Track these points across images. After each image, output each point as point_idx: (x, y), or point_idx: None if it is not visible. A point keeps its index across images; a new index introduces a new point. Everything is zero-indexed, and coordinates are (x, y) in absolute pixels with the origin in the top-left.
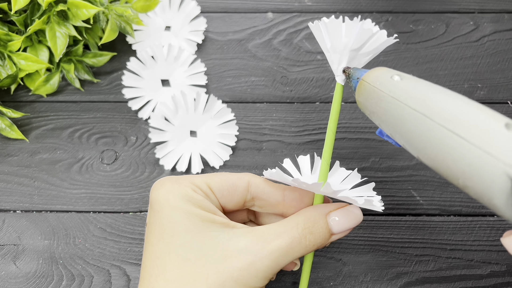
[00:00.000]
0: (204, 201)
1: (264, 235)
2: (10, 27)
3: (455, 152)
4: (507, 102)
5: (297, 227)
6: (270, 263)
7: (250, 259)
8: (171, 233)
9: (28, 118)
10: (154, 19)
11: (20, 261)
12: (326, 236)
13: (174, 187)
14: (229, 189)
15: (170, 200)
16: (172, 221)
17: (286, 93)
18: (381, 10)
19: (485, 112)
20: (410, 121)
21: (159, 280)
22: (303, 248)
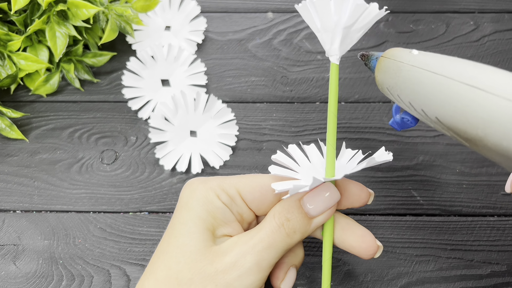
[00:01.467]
0: (221, 210)
1: (248, 234)
2: (10, 27)
3: (474, 103)
4: None
5: (274, 217)
6: (254, 258)
7: (233, 259)
8: (175, 234)
9: (28, 118)
10: (154, 19)
11: (20, 261)
12: (304, 220)
13: (199, 188)
14: (261, 191)
15: (189, 202)
16: (181, 222)
17: (286, 93)
18: None
19: (501, 70)
20: (430, 84)
21: (150, 278)
22: (284, 236)
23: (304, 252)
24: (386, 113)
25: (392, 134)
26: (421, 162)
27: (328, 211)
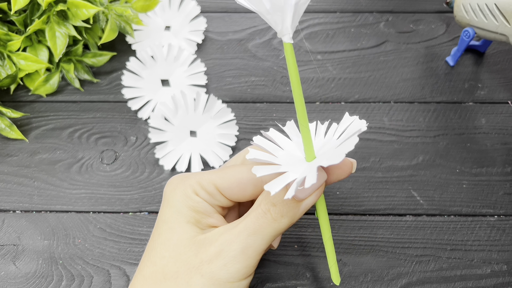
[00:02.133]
0: (201, 204)
1: (233, 223)
2: (9, 27)
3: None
4: (507, 102)
5: (260, 204)
6: (239, 246)
7: (218, 249)
8: (159, 231)
9: (28, 118)
10: (154, 19)
11: (20, 261)
12: (291, 203)
13: (179, 186)
14: (239, 186)
15: (170, 199)
16: (164, 220)
17: (286, 93)
18: (381, 10)
19: None
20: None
21: (138, 276)
22: (270, 222)
23: None
24: (385, 113)
25: (392, 134)
26: (421, 162)
27: (316, 192)
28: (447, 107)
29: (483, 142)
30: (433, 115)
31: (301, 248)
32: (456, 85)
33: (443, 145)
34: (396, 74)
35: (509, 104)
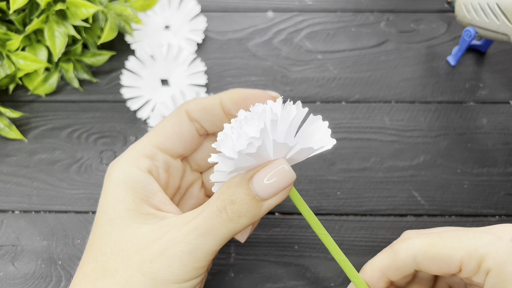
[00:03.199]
0: (143, 180)
1: (183, 219)
2: (8, 26)
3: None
4: (508, 102)
5: (217, 199)
6: (186, 247)
7: (162, 247)
8: (97, 224)
9: (27, 118)
10: (154, 18)
11: (19, 262)
12: (252, 203)
13: (115, 166)
14: (175, 132)
15: (106, 185)
16: (101, 210)
17: (286, 93)
18: (382, 9)
19: None
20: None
21: (78, 273)
22: (225, 222)
23: None
24: (386, 113)
25: (392, 134)
26: (422, 162)
27: (281, 193)
28: (448, 107)
29: (484, 142)
30: (434, 115)
31: (301, 248)
32: (457, 85)
33: (444, 145)
34: (397, 73)
35: (511, 104)
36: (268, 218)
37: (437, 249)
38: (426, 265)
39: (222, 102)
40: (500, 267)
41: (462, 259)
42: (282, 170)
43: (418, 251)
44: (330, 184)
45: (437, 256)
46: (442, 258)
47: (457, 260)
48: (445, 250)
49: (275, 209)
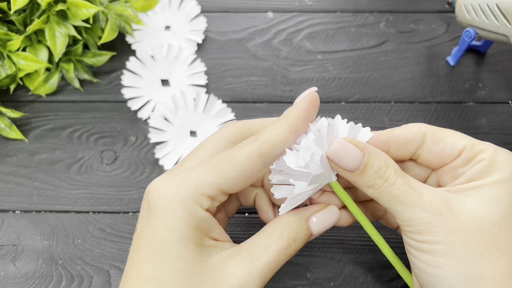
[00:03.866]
0: (205, 218)
1: (251, 253)
2: (9, 26)
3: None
4: (508, 102)
5: (282, 237)
6: (261, 281)
7: (241, 282)
8: (162, 258)
9: (28, 118)
10: (154, 18)
11: (20, 262)
12: (307, 239)
13: (176, 202)
14: (245, 178)
15: (169, 220)
16: (166, 244)
17: (286, 93)
18: (382, 9)
19: None
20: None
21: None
22: (288, 256)
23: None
24: (386, 113)
25: None
26: None
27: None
28: (448, 107)
29: None
30: (434, 115)
31: (302, 248)
32: (456, 85)
33: None
34: (396, 74)
35: (510, 104)
36: None
37: (445, 133)
38: (430, 146)
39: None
40: (493, 159)
41: (465, 146)
42: (334, 213)
43: (428, 130)
44: None
45: (443, 140)
46: (448, 142)
47: (461, 146)
48: (452, 136)
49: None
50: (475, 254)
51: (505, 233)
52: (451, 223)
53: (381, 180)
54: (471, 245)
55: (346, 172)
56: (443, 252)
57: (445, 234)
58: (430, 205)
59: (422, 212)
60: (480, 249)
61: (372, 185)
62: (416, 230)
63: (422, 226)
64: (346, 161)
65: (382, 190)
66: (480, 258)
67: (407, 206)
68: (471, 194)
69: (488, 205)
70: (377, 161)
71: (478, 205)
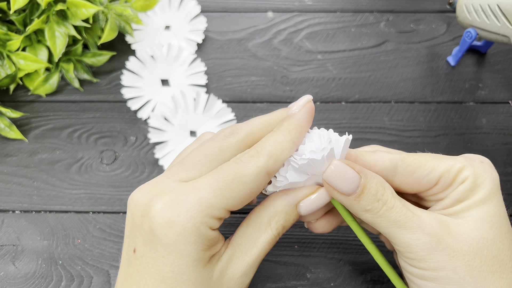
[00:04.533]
0: (214, 237)
1: (243, 248)
2: (9, 26)
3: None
4: (508, 102)
5: (270, 227)
6: (254, 270)
7: (239, 283)
8: (172, 285)
9: (27, 118)
10: (154, 18)
11: (19, 262)
12: (295, 221)
13: (188, 228)
14: (251, 195)
15: (181, 248)
16: (176, 271)
17: (286, 93)
18: (382, 9)
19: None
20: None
21: None
22: (276, 241)
23: None
24: (386, 113)
25: (392, 134)
26: None
27: (315, 213)
28: (448, 107)
29: (483, 142)
30: (434, 115)
31: (301, 248)
32: (456, 85)
33: (444, 145)
34: (396, 74)
35: (510, 104)
36: None
37: (419, 162)
38: (404, 178)
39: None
40: (475, 176)
41: (442, 173)
42: (323, 197)
43: (401, 161)
44: None
45: (418, 170)
46: (424, 172)
47: (438, 174)
48: (427, 164)
49: None
50: (480, 277)
51: (502, 249)
52: (453, 247)
53: (379, 203)
54: (474, 268)
55: (341, 196)
56: (448, 279)
57: (448, 259)
58: (431, 229)
59: (424, 237)
60: (483, 270)
61: (370, 209)
62: (418, 256)
63: (424, 252)
64: (343, 185)
65: (380, 214)
66: (485, 280)
67: (408, 231)
68: (464, 215)
69: (482, 224)
70: (374, 184)
71: (472, 225)
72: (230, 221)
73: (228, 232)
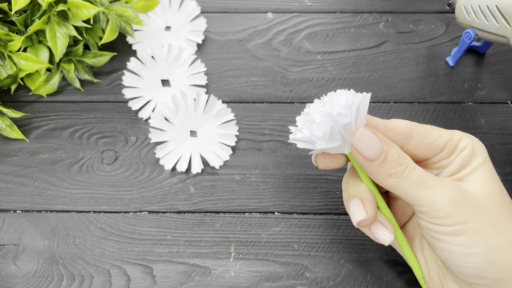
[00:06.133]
0: None
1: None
2: (10, 27)
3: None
4: (507, 102)
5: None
6: None
7: None
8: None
9: (28, 118)
10: (154, 19)
11: (20, 261)
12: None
13: None
14: None
15: None
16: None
17: (286, 93)
18: (381, 10)
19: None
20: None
21: None
22: None
23: None
24: (385, 113)
25: None
26: None
27: None
28: (447, 107)
29: (482, 142)
30: (433, 115)
31: (301, 247)
32: (455, 85)
33: None
34: (395, 74)
35: (509, 104)
36: (267, 217)
37: (428, 129)
38: (418, 141)
39: None
40: (473, 144)
41: (448, 139)
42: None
43: (414, 126)
44: (330, 184)
45: (429, 135)
46: (433, 137)
47: (444, 140)
48: (434, 131)
49: (275, 209)
50: (501, 224)
51: (509, 202)
52: (473, 200)
53: (402, 167)
54: (494, 217)
55: (365, 161)
56: (475, 230)
57: (472, 211)
58: (452, 186)
59: (447, 193)
60: (502, 219)
61: (394, 172)
62: (444, 213)
63: (450, 207)
64: (369, 151)
65: (404, 176)
66: (504, 227)
67: (432, 189)
68: (470, 178)
69: (488, 183)
70: (395, 151)
71: (481, 183)
72: (235, 220)
73: (234, 232)
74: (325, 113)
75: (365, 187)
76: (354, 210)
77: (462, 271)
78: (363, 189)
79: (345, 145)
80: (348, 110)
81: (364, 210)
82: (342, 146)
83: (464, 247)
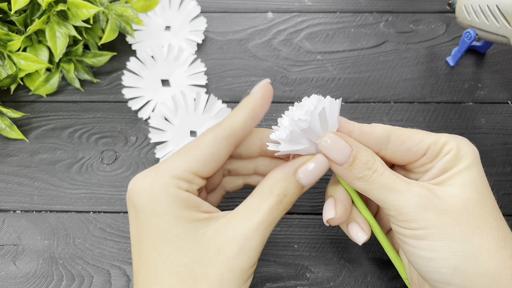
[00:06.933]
0: (189, 197)
1: (245, 215)
2: (10, 27)
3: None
4: (507, 102)
5: (272, 194)
6: (259, 239)
7: (240, 244)
8: (162, 242)
9: (28, 118)
10: (154, 19)
11: (20, 261)
12: (299, 192)
13: (156, 190)
14: (213, 159)
15: (155, 208)
16: (161, 230)
17: (286, 93)
18: (381, 10)
19: None
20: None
21: (161, 287)
22: (281, 211)
23: None
24: (385, 113)
25: None
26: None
27: (317, 180)
28: (447, 107)
29: (483, 142)
30: (433, 115)
31: (301, 248)
32: (456, 85)
33: None
34: (396, 74)
35: (509, 104)
36: None
37: (409, 133)
38: (396, 146)
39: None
40: (458, 148)
41: (430, 144)
42: (322, 163)
43: (393, 131)
44: None
45: (409, 140)
46: (413, 142)
47: (426, 145)
48: (416, 136)
49: None
50: (468, 231)
51: (486, 210)
52: (440, 206)
53: (370, 171)
54: (462, 223)
55: (335, 165)
56: (439, 235)
57: (437, 216)
58: (419, 191)
59: (412, 198)
60: (471, 226)
61: (361, 176)
62: (409, 217)
63: (414, 211)
64: (337, 155)
65: (372, 180)
66: (473, 234)
67: (398, 193)
68: (449, 182)
69: (466, 188)
70: (364, 155)
71: (458, 189)
72: None
73: None
74: (290, 118)
75: (342, 188)
76: (325, 209)
77: (428, 276)
78: (339, 189)
79: (313, 148)
80: (308, 116)
81: (334, 210)
82: (309, 148)
83: (427, 251)
